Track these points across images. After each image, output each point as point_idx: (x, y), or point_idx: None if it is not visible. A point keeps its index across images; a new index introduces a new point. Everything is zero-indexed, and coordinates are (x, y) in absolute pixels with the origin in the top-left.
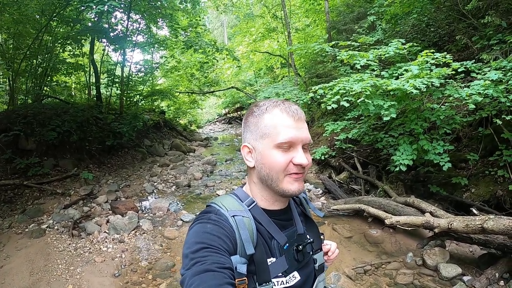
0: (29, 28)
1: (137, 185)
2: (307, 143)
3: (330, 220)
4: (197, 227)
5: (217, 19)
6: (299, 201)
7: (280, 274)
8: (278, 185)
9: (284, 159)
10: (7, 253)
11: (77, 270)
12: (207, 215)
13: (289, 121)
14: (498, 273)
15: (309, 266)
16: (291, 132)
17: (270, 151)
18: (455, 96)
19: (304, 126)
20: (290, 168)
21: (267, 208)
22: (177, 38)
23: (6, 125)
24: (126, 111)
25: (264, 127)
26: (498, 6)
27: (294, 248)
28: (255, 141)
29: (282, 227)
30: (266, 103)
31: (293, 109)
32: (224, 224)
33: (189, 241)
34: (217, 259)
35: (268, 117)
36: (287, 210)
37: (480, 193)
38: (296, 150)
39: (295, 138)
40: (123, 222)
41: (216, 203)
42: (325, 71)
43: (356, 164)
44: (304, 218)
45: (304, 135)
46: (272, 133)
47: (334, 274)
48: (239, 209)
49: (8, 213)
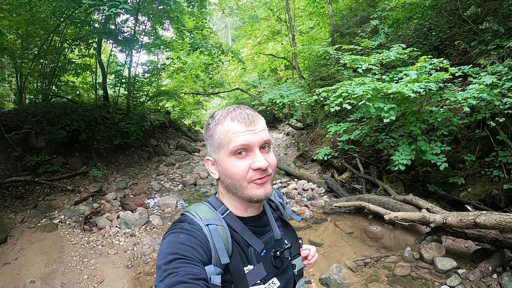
0: (38, 29)
1: (144, 183)
2: (265, 142)
3: (332, 217)
4: (170, 237)
5: (221, 21)
6: (275, 206)
7: (258, 282)
8: (243, 192)
9: (243, 166)
10: (21, 246)
11: (91, 261)
12: (180, 225)
13: (239, 127)
14: (491, 267)
15: (288, 272)
16: (242, 137)
17: (227, 160)
18: (451, 99)
19: (259, 128)
20: (251, 174)
21: (241, 215)
22: (183, 40)
23: (16, 123)
24: (133, 111)
25: (218, 138)
26: (496, 12)
27: (272, 254)
28: (214, 153)
29: (258, 233)
30: (219, 114)
31: (244, 115)
32: (197, 234)
33: (162, 252)
34: (190, 270)
35: (220, 128)
36: (261, 216)
37: (476, 192)
38: (254, 153)
39: (248, 142)
40: (133, 217)
41: (190, 212)
42: (329, 74)
43: (358, 165)
44: (281, 223)
45: (260, 137)
46: (225, 142)
47: (336, 265)
48: (213, 217)
49: (20, 208)
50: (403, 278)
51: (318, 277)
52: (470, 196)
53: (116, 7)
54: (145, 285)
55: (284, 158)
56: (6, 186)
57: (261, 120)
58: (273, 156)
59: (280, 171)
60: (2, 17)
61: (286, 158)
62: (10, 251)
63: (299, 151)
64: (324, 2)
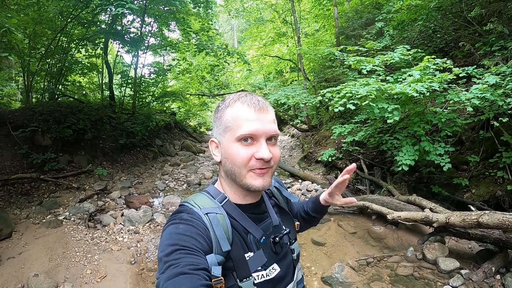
0: (45, 29)
1: (149, 182)
2: (272, 135)
3: (335, 217)
4: (169, 229)
5: (227, 23)
6: (270, 193)
7: (259, 268)
8: (241, 180)
9: (246, 153)
10: (25, 241)
11: (95, 257)
12: (179, 215)
13: (250, 113)
14: (494, 267)
15: (287, 257)
16: (252, 125)
17: (232, 145)
18: (455, 99)
19: (268, 118)
20: (253, 163)
21: (240, 202)
22: (189, 41)
23: (23, 121)
24: (139, 112)
25: (226, 121)
26: (501, 14)
27: (271, 240)
28: (220, 135)
29: (257, 220)
30: (230, 97)
31: (255, 101)
32: (197, 223)
33: (162, 244)
34: (190, 260)
35: (230, 111)
36: (260, 203)
37: (480, 194)
38: (259, 143)
39: (257, 131)
40: (138, 215)
41: (189, 202)
42: (334, 75)
43: (362, 166)
44: (278, 209)
45: (267, 127)
46: (233, 127)
47: (338, 264)
48: (212, 206)
49: (25, 205)
50: (405, 278)
51: (320, 276)
52: (474, 197)
53: (123, 7)
54: (148, 281)
55: (288, 160)
56: (12, 182)
57: (271, 110)
58: (278, 150)
59: (285, 172)
60: (11, 16)
61: (290, 160)
62: (14, 246)
63: (304, 152)
64: (329, 5)
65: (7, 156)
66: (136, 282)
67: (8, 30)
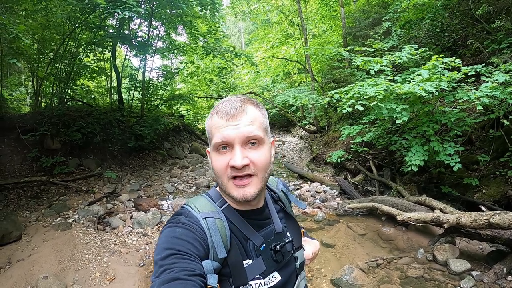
0: (53, 34)
1: (158, 185)
2: (249, 138)
3: (345, 219)
4: (166, 232)
5: (235, 26)
6: (277, 197)
7: (258, 276)
8: (225, 189)
9: (222, 161)
10: (35, 243)
11: (104, 259)
12: (178, 218)
13: (221, 120)
14: (506, 269)
15: (290, 265)
16: (222, 133)
17: (212, 154)
18: (464, 98)
19: (243, 121)
20: (229, 171)
21: (239, 208)
22: (196, 44)
23: (32, 125)
24: (147, 115)
25: (207, 131)
26: (508, 11)
27: (272, 248)
28: (209, 146)
29: (257, 227)
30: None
31: (227, 108)
32: (194, 227)
33: (158, 246)
34: (186, 265)
35: (208, 121)
36: (263, 209)
37: (491, 194)
38: (234, 150)
39: (228, 136)
40: (147, 217)
41: (189, 204)
42: (342, 76)
43: (371, 167)
44: (284, 214)
45: (241, 130)
46: (211, 136)
47: (347, 266)
48: (212, 210)
49: (35, 208)
50: (415, 280)
51: (330, 278)
52: (485, 197)
53: (129, 10)
54: None
55: (297, 161)
56: (22, 186)
57: (250, 112)
58: (262, 154)
59: (293, 173)
60: (19, 22)
61: (299, 161)
62: (24, 248)
63: (313, 154)
64: (336, 5)
65: (17, 159)
66: (144, 285)
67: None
